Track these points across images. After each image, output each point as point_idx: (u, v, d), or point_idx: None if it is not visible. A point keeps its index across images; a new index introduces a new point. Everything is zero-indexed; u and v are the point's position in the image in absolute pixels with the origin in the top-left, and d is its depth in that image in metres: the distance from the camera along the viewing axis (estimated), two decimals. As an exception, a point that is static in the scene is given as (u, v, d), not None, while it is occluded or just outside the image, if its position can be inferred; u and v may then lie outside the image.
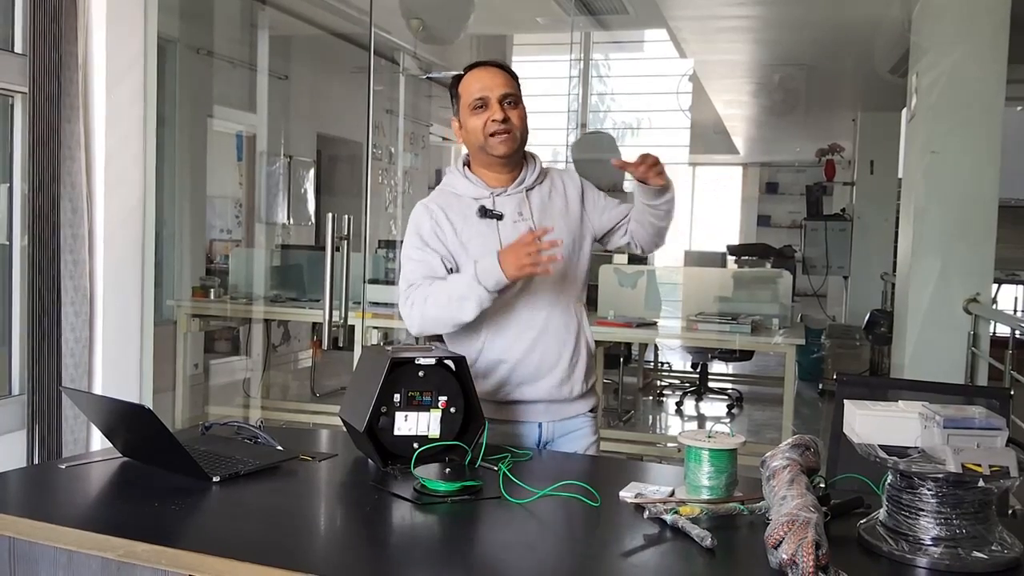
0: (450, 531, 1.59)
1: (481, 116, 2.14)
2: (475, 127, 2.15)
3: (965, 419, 1.41)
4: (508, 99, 2.15)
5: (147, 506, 1.60)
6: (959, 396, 2.34)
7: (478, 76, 2.18)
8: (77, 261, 2.78)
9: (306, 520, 1.66)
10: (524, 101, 2.21)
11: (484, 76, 2.17)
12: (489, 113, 2.13)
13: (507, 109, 2.14)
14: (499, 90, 2.15)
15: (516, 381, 2.16)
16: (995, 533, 1.40)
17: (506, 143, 2.14)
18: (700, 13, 6.37)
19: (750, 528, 1.54)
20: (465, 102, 2.17)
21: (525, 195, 2.21)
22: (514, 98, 2.16)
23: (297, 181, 8.23)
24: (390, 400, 1.83)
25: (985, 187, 4.52)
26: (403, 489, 1.69)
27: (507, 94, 2.15)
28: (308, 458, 1.91)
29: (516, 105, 2.17)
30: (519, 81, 2.22)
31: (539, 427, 2.20)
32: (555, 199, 2.24)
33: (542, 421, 2.20)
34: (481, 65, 2.22)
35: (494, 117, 2.13)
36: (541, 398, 2.18)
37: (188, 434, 2.08)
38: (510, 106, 2.15)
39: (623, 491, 1.69)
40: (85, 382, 2.83)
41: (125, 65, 2.99)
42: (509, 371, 2.16)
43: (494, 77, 2.17)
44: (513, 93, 2.16)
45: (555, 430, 2.21)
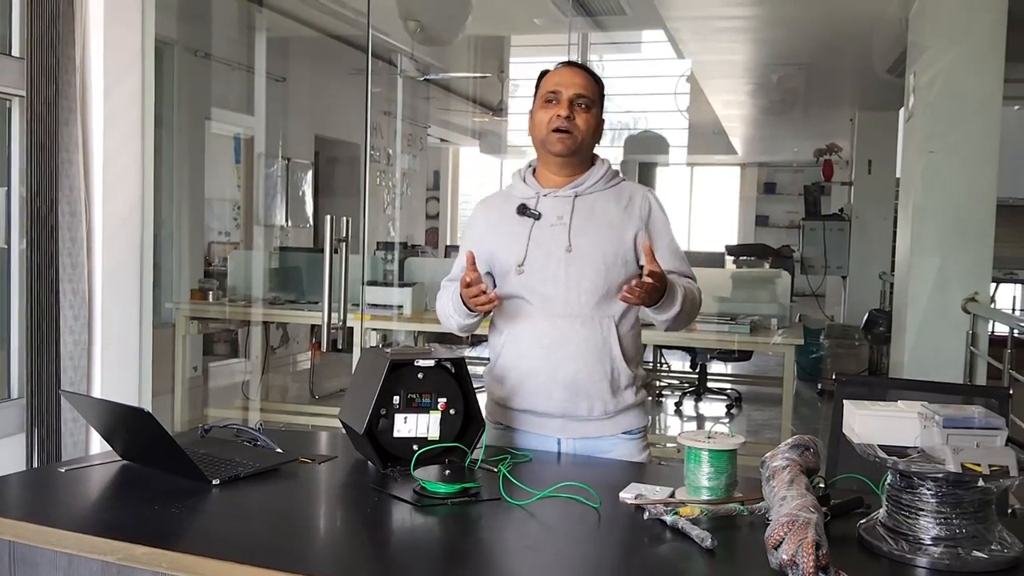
0: (450, 533, 1.59)
1: (549, 110, 2.11)
2: (540, 120, 2.12)
3: (964, 419, 1.41)
4: (581, 101, 2.10)
5: (147, 509, 1.60)
6: (958, 396, 2.34)
7: (559, 72, 2.16)
8: (75, 264, 2.78)
9: (306, 522, 1.66)
10: (599, 110, 2.15)
11: (564, 73, 2.15)
12: (557, 109, 2.10)
13: (576, 110, 2.10)
14: (573, 89, 2.10)
15: (529, 390, 2.09)
16: (995, 532, 1.40)
17: (564, 142, 2.09)
18: (698, 13, 6.37)
19: (750, 528, 1.54)
20: (539, 94, 2.15)
21: (574, 199, 2.12)
22: (587, 102, 2.11)
23: (295, 183, 8.23)
24: (389, 402, 1.83)
25: (983, 186, 4.53)
26: (403, 491, 1.69)
27: (581, 96, 2.10)
28: (308, 460, 1.90)
29: (587, 109, 2.11)
30: (602, 90, 2.17)
31: (558, 443, 2.10)
32: (609, 211, 2.12)
33: (560, 437, 2.10)
34: (571, 64, 2.19)
35: (559, 113, 2.09)
36: (554, 412, 2.08)
37: (187, 437, 2.08)
38: (580, 108, 2.10)
39: (623, 492, 1.69)
40: (84, 385, 2.82)
41: (123, 68, 2.99)
42: (521, 378, 2.10)
43: (573, 76, 2.13)
44: (587, 96, 2.11)
45: (576, 448, 2.10)
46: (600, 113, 2.17)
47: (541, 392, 2.08)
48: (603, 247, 2.08)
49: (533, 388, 2.09)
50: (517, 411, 2.12)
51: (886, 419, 1.49)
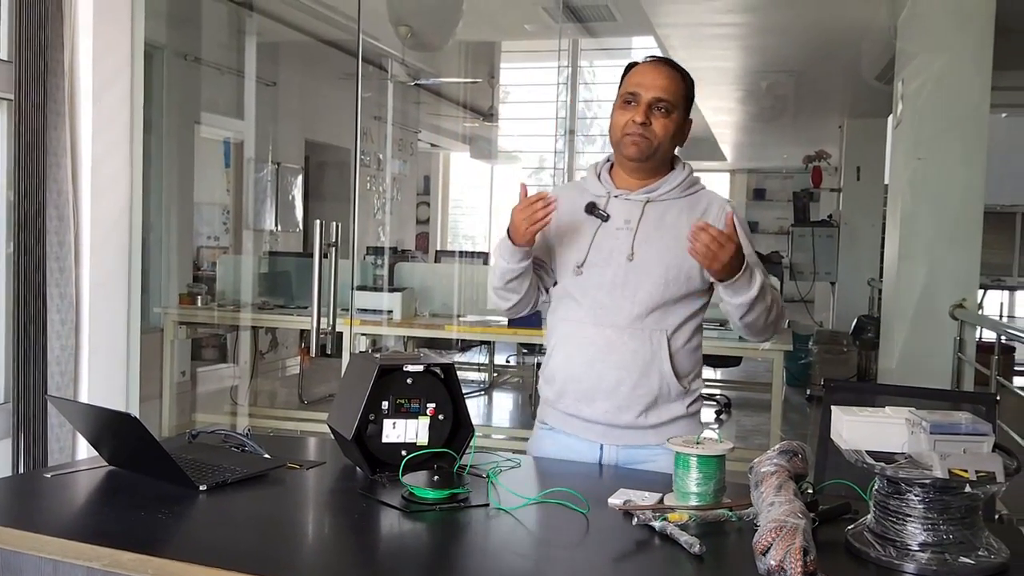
0: (438, 539, 1.58)
1: (626, 113, 2.02)
2: (616, 122, 2.05)
3: (951, 424, 1.41)
4: (660, 105, 2.00)
5: (133, 515, 1.59)
6: (946, 401, 2.34)
7: (642, 71, 2.05)
8: (63, 268, 2.77)
9: (293, 528, 1.65)
10: (683, 113, 2.05)
11: (648, 72, 2.04)
12: (633, 113, 2.01)
13: (654, 115, 2.00)
14: (653, 92, 2.00)
15: (573, 395, 2.05)
16: (982, 538, 1.40)
17: (638, 146, 2.01)
18: (687, 20, 6.39)
19: (739, 534, 1.54)
20: (620, 92, 2.06)
21: (644, 205, 2.05)
22: (668, 106, 2.01)
23: (285, 187, 8.22)
24: (378, 407, 1.82)
25: (971, 193, 4.55)
26: (391, 497, 1.69)
27: (661, 100, 2.00)
28: (296, 466, 1.90)
29: (668, 114, 2.01)
30: (690, 89, 2.07)
31: (600, 448, 2.06)
32: (680, 221, 2.02)
33: (603, 443, 2.05)
34: (656, 60, 2.08)
35: (635, 118, 2.00)
36: (598, 419, 2.03)
37: (175, 442, 2.07)
38: (660, 113, 2.01)
39: (612, 498, 1.69)
40: (71, 390, 2.81)
41: (112, 72, 2.98)
42: (566, 382, 2.06)
43: (656, 78, 2.02)
44: (668, 100, 2.01)
45: (619, 455, 2.04)
46: (684, 116, 2.07)
47: (584, 399, 2.04)
48: (667, 260, 2.00)
49: (576, 393, 2.05)
50: (563, 413, 2.10)
51: (874, 425, 1.50)
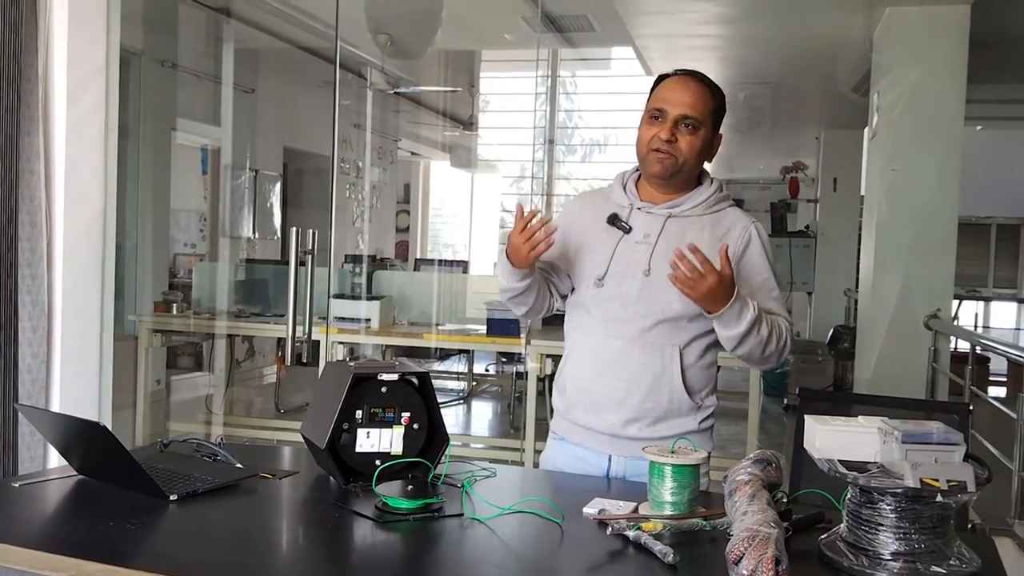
0: (412, 549, 1.57)
1: (652, 128, 2.00)
2: (643, 138, 2.02)
3: (923, 434, 1.42)
4: (687, 122, 1.97)
5: (102, 525, 1.57)
6: (920, 411, 2.36)
7: (670, 86, 2.02)
8: (35, 275, 2.74)
9: (265, 539, 1.63)
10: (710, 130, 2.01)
11: (675, 88, 2.01)
12: (659, 129, 1.98)
13: (680, 131, 1.97)
14: (680, 109, 1.97)
15: (583, 406, 2.06)
16: (953, 548, 1.41)
17: (663, 163, 1.98)
18: (666, 32, 6.43)
19: (712, 544, 1.54)
20: (648, 106, 2.03)
21: (665, 220, 2.02)
22: (695, 123, 1.98)
23: (263, 195, 8.18)
24: (352, 416, 1.81)
25: (945, 204, 4.60)
26: (364, 507, 1.68)
27: (687, 117, 1.97)
28: (268, 476, 1.88)
29: (695, 131, 1.98)
30: (719, 104, 2.03)
31: (609, 459, 2.04)
32: (700, 239, 1.95)
33: (611, 454, 2.04)
34: (685, 75, 2.03)
35: (661, 135, 1.97)
36: (604, 430, 2.03)
37: (146, 451, 2.05)
38: (687, 129, 1.98)
39: (587, 507, 1.69)
40: (43, 398, 2.78)
41: (86, 77, 2.95)
42: (576, 392, 2.06)
43: (683, 94, 1.99)
44: (695, 118, 1.97)
45: (628, 467, 2.01)
46: (713, 131, 2.03)
47: (592, 409, 2.04)
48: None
49: (585, 404, 2.05)
50: (572, 424, 2.10)
51: (846, 434, 1.50)
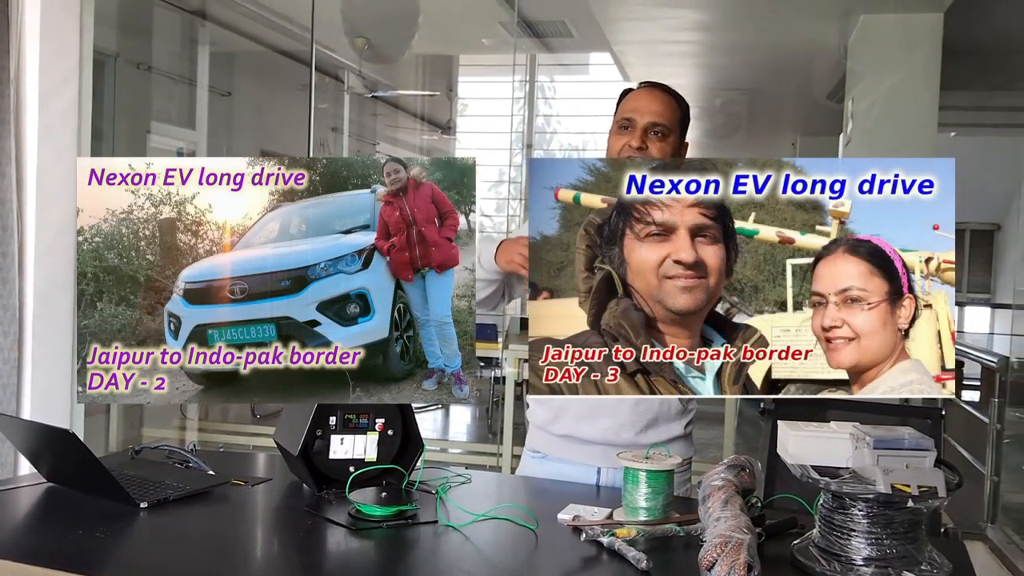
0: (385, 557, 1.56)
1: (622, 137, 2.00)
2: (613, 147, 2.02)
3: (895, 440, 1.43)
4: (657, 129, 1.98)
5: (71, 533, 1.55)
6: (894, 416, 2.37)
7: (637, 96, 2.03)
8: (6, 280, 2.71)
9: (237, 547, 1.62)
10: (679, 137, 2.01)
11: (643, 98, 2.02)
12: (629, 137, 1.98)
13: (650, 139, 1.98)
14: (649, 117, 1.98)
15: (573, 414, 2.03)
16: (925, 553, 1.42)
17: None
18: (643, 38, 6.46)
19: (686, 549, 1.54)
20: (616, 118, 2.04)
21: None
22: (663, 130, 1.98)
23: (240, 199, 8.12)
24: (325, 423, 1.80)
25: (918, 211, 4.63)
26: (338, 514, 1.66)
27: (657, 124, 1.98)
28: (241, 483, 1.86)
29: (664, 139, 1.99)
30: (685, 113, 2.04)
31: (597, 472, 2.03)
32: None
33: (600, 466, 2.03)
34: (650, 86, 2.06)
35: (631, 143, 1.98)
36: (597, 439, 2.01)
37: (117, 459, 2.02)
38: (656, 137, 1.98)
39: (561, 513, 1.68)
40: (13, 405, 2.75)
41: (59, 79, 2.93)
42: (566, 402, 2.02)
43: (651, 103, 2.00)
44: (664, 125, 1.98)
45: (616, 477, 1.96)
46: (680, 139, 2.04)
47: (585, 416, 2.02)
48: None
49: (578, 412, 2.02)
50: (558, 437, 2.06)
51: (819, 440, 1.51)
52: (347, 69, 7.60)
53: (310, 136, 5.10)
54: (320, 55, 5.01)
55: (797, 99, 8.15)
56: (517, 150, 7.77)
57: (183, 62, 6.70)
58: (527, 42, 6.51)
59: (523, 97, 7.72)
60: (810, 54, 6.49)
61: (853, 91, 5.09)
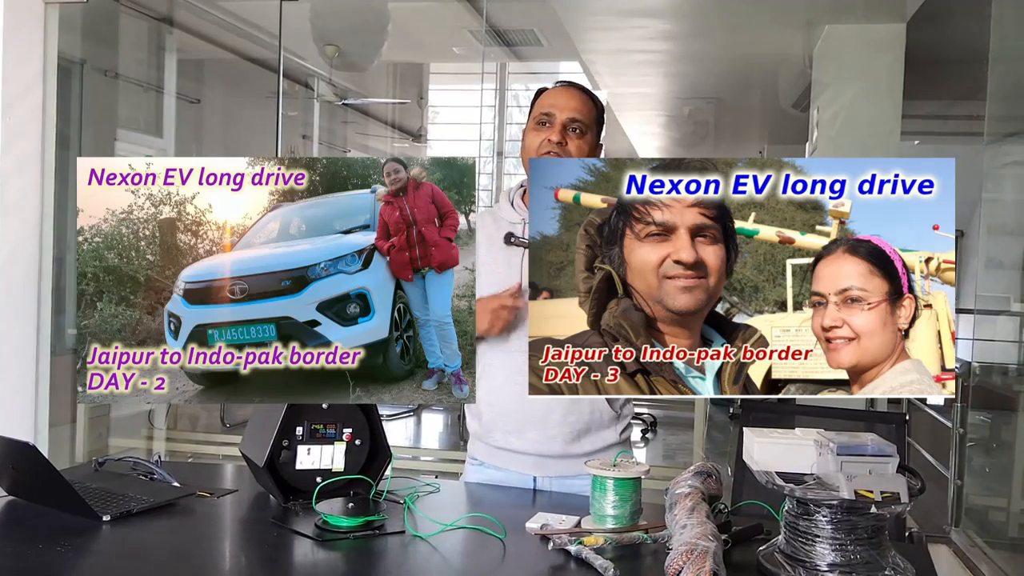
0: (353, 568, 1.55)
1: (540, 133, 2.00)
2: (530, 144, 2.02)
3: (858, 446, 1.45)
4: (575, 126, 2.00)
5: (31, 548, 1.53)
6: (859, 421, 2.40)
7: (553, 94, 2.05)
8: (-34, 290, 2.67)
9: (202, 561, 1.60)
10: (595, 135, 2.03)
11: (560, 95, 2.04)
12: (548, 133, 1.99)
13: (569, 135, 1.99)
14: (568, 113, 2.00)
15: (503, 428, 2.03)
16: (888, 558, 1.43)
17: None
18: (611, 47, 6.49)
19: (654, 557, 1.54)
20: (532, 115, 2.05)
21: None
22: (582, 126, 2.00)
23: (208, 206, 8.06)
24: (292, 433, 1.79)
25: (884, 218, 4.69)
26: (304, 526, 1.65)
27: (575, 120, 2.00)
28: (206, 494, 1.85)
29: (581, 135, 2.00)
30: (601, 113, 2.07)
31: (533, 480, 2.04)
32: None
33: (535, 475, 2.03)
34: (567, 85, 2.07)
35: (551, 137, 1.98)
36: (528, 450, 2.02)
37: (80, 471, 2.00)
38: (575, 133, 2.00)
39: (529, 522, 1.69)
40: (-27, 417, 2.70)
41: (23, 86, 2.90)
42: (495, 416, 2.03)
43: (569, 99, 2.02)
44: (582, 121, 2.00)
45: (553, 486, 2.02)
46: (597, 138, 2.06)
47: (513, 430, 2.02)
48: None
49: (506, 426, 2.03)
50: (492, 447, 2.06)
51: (784, 446, 1.52)
52: (317, 77, 7.57)
53: (278, 143, 5.07)
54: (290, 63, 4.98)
55: (763, 108, 8.23)
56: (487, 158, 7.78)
57: (151, 69, 6.64)
58: (497, 51, 6.52)
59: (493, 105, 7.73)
60: (776, 63, 6.56)
61: (818, 100, 5.15)
